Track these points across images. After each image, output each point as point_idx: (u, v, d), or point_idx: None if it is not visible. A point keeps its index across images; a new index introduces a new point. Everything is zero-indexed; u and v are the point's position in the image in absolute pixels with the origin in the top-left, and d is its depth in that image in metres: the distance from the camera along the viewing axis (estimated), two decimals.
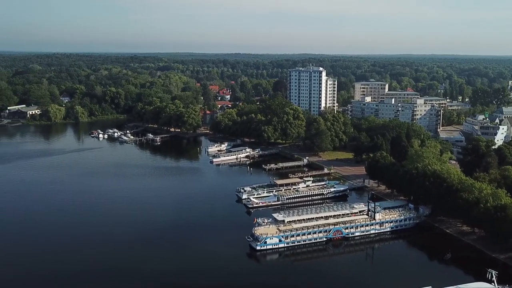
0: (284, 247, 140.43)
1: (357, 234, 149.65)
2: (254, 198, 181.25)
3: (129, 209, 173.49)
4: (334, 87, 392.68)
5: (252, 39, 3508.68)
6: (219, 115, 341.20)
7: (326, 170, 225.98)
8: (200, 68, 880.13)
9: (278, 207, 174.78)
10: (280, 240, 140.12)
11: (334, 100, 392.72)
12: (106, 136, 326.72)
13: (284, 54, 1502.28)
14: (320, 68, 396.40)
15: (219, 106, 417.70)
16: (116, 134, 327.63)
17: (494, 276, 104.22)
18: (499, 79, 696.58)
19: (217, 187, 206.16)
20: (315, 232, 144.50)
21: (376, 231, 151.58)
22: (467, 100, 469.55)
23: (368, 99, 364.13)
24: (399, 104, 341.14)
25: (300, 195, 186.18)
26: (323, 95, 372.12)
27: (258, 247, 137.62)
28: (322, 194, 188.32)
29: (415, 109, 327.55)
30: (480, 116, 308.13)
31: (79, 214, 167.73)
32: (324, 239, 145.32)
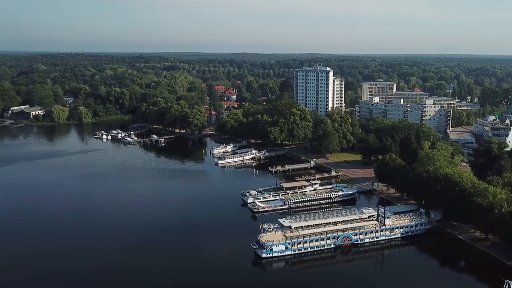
0: (290, 255, 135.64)
1: (366, 240, 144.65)
2: (259, 202, 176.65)
3: (132, 212, 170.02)
4: (342, 87, 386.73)
5: (259, 39, 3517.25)
6: (225, 115, 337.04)
7: (333, 173, 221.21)
8: (206, 68, 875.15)
9: (285, 212, 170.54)
10: (286, 247, 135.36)
11: (342, 101, 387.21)
12: (110, 137, 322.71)
13: (290, 53, 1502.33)
14: (327, 68, 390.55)
15: (225, 107, 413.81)
16: (120, 135, 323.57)
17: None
18: (507, 78, 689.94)
19: (222, 191, 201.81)
20: (323, 239, 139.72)
21: (386, 238, 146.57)
22: (476, 100, 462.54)
23: (376, 99, 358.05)
24: (408, 105, 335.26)
25: (307, 199, 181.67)
26: (330, 95, 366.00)
27: (264, 255, 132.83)
28: (330, 198, 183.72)
29: (424, 109, 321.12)
30: (490, 117, 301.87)
31: (84, 216, 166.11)
32: (333, 246, 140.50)
